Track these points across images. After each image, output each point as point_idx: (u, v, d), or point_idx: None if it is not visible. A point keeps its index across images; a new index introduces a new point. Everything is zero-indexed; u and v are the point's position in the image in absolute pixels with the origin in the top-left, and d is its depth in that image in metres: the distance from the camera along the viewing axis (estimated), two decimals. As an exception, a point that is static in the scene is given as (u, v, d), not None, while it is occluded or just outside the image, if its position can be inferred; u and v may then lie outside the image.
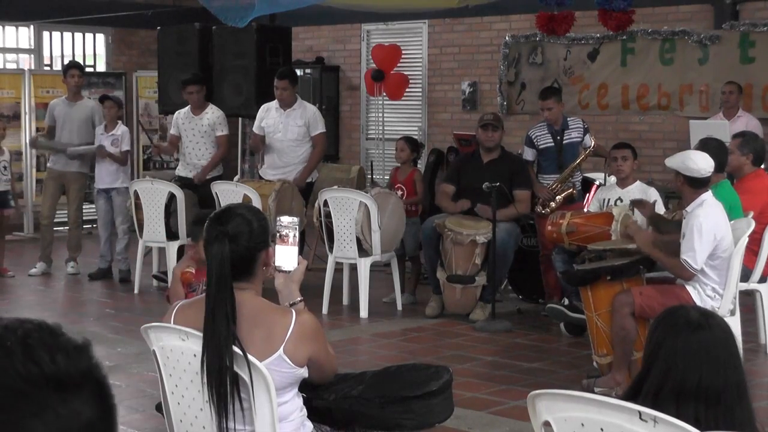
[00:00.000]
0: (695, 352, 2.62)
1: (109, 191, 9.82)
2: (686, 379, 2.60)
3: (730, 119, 9.54)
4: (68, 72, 10.11)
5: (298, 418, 3.42)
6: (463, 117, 12.63)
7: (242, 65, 10.47)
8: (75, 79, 10.01)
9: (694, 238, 5.76)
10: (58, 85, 11.45)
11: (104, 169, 9.83)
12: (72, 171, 10.00)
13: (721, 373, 2.60)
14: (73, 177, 10.01)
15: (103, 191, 9.87)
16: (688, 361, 2.61)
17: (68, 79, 10.04)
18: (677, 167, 5.90)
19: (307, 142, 9.17)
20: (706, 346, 2.63)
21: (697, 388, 2.58)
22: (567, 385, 5.80)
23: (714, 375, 2.59)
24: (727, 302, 6.02)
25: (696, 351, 2.62)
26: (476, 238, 7.93)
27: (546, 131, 8.39)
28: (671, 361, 2.64)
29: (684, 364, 2.62)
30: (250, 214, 3.39)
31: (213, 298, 3.24)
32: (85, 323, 8.06)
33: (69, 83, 10.05)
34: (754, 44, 10.50)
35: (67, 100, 10.10)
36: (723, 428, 2.53)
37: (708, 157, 5.99)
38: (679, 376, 2.61)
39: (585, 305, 6.23)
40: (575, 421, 2.68)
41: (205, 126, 9.45)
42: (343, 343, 7.29)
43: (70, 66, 10.37)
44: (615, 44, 11.37)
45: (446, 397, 3.66)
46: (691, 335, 2.65)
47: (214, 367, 3.21)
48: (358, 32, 13.85)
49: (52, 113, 10.12)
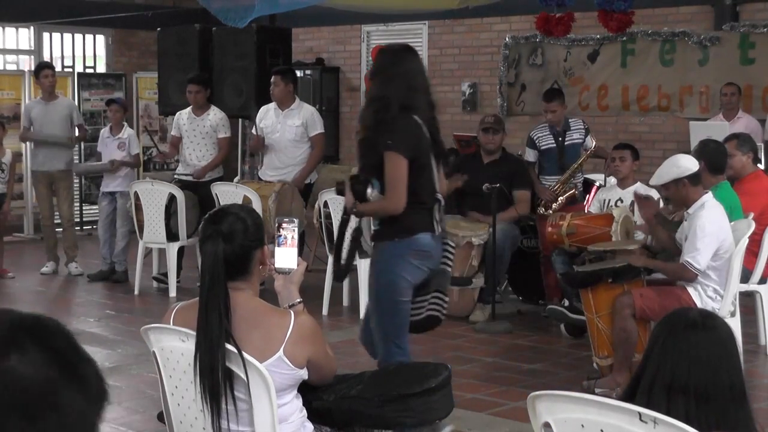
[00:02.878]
0: (685, 351, 2.62)
1: (114, 194, 9.83)
2: (675, 377, 2.61)
3: (730, 120, 9.55)
4: (41, 72, 10.13)
5: (298, 419, 3.42)
6: (464, 118, 12.63)
7: (242, 66, 10.47)
8: (49, 79, 10.03)
9: (697, 239, 5.76)
10: (59, 86, 11.45)
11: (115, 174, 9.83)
12: (58, 170, 10.02)
13: (711, 374, 2.59)
14: (59, 176, 10.04)
15: (108, 194, 9.88)
16: (677, 359, 2.62)
17: (42, 80, 10.06)
18: (676, 174, 5.86)
19: (305, 142, 9.15)
20: (697, 345, 2.63)
21: (686, 386, 2.59)
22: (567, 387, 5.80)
23: (704, 375, 2.59)
24: (728, 303, 6.02)
25: (686, 349, 2.62)
26: (472, 239, 7.93)
27: (548, 132, 8.40)
28: (662, 358, 2.65)
29: (673, 361, 2.62)
30: (244, 213, 3.40)
31: (206, 296, 3.25)
32: (85, 324, 8.05)
33: (43, 84, 10.08)
34: (754, 45, 10.50)
35: (43, 101, 10.13)
36: (715, 428, 2.53)
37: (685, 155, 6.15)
38: (669, 373, 2.62)
39: (585, 307, 6.23)
40: (575, 422, 2.67)
41: (207, 127, 9.44)
42: (343, 344, 7.28)
43: (42, 66, 10.39)
44: (615, 45, 11.37)
45: (445, 393, 3.66)
46: (684, 334, 2.66)
47: (206, 364, 3.21)
48: (358, 33, 13.86)
49: (29, 115, 10.18)
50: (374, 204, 4.65)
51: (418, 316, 4.81)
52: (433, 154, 4.71)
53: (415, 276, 4.70)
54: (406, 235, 4.64)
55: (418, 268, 4.68)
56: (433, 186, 4.73)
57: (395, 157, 4.54)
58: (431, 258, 4.73)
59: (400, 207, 4.59)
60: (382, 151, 4.56)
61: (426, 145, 4.67)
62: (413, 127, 4.62)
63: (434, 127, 4.77)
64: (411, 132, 4.61)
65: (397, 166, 4.53)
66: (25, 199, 12.24)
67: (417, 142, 4.62)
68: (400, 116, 4.60)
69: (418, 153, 4.61)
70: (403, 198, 4.57)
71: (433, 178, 4.72)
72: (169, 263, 9.16)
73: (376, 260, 4.76)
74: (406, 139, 4.58)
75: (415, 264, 4.66)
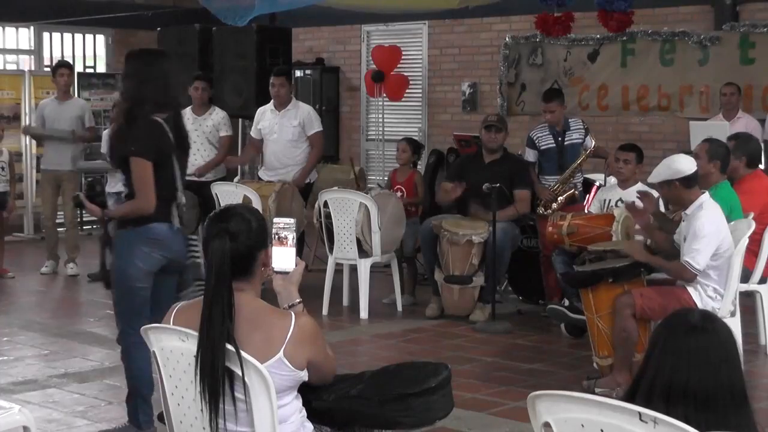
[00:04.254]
0: (684, 354, 2.61)
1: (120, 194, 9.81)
2: (674, 381, 2.60)
3: (729, 120, 9.55)
4: (57, 71, 10.15)
5: (297, 419, 3.42)
6: (464, 118, 12.63)
7: (242, 66, 10.48)
8: (65, 78, 10.04)
9: (696, 239, 5.76)
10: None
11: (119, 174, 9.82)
12: (65, 170, 10.01)
13: (711, 377, 2.58)
14: (67, 176, 10.02)
15: (115, 194, 9.86)
16: (676, 362, 2.61)
17: (57, 79, 10.08)
18: (668, 176, 5.90)
19: (303, 142, 9.16)
20: (697, 348, 2.61)
21: (685, 390, 2.58)
22: (567, 386, 5.81)
23: (703, 378, 2.58)
24: (728, 303, 6.03)
25: (686, 352, 2.61)
26: (472, 238, 7.94)
27: (547, 132, 8.41)
28: (662, 361, 2.64)
29: (672, 365, 2.61)
30: (248, 213, 3.42)
31: (211, 294, 3.26)
32: (85, 324, 8.06)
33: (59, 83, 10.10)
34: (754, 45, 10.49)
35: (57, 100, 10.14)
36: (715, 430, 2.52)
37: (685, 156, 6.10)
38: (667, 376, 2.61)
39: (586, 307, 6.23)
40: (575, 422, 2.67)
41: (209, 127, 9.45)
42: (344, 344, 7.29)
43: (59, 65, 10.41)
44: (615, 45, 11.37)
45: (445, 393, 3.65)
46: (683, 337, 2.64)
47: (207, 362, 3.22)
48: (358, 33, 13.86)
49: (42, 113, 10.18)
50: (125, 206, 5.16)
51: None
52: (175, 152, 5.15)
53: (148, 263, 5.07)
54: (140, 224, 5.06)
55: (152, 256, 5.06)
56: (173, 183, 5.16)
57: (141, 162, 5.01)
58: (166, 247, 5.10)
59: (151, 206, 5.04)
60: (128, 156, 5.03)
61: (168, 145, 5.11)
62: (156, 131, 5.06)
63: (179, 125, 5.23)
64: (155, 136, 5.06)
65: (143, 170, 5.01)
66: (26, 199, 12.23)
67: (160, 145, 5.07)
68: (146, 121, 5.04)
69: (159, 154, 5.06)
70: (153, 197, 5.03)
71: (174, 176, 5.16)
72: (169, 263, 9.15)
73: (115, 248, 5.14)
74: (150, 144, 5.03)
75: (146, 251, 5.05)
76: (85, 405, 5.84)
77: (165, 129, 5.08)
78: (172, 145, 5.12)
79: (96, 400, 6.02)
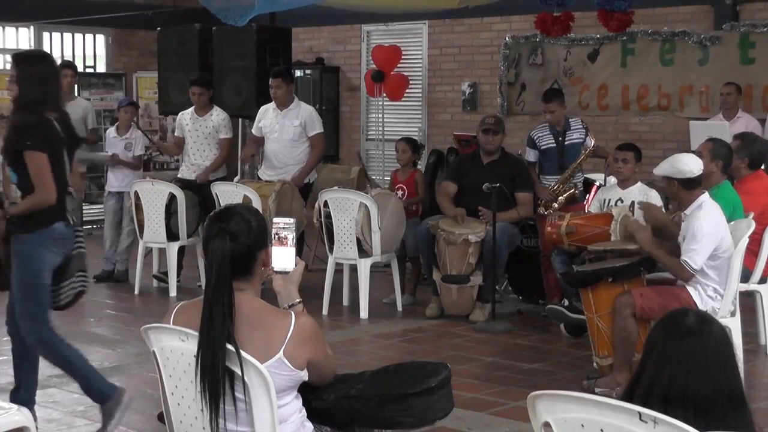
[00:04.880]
0: (683, 359, 2.60)
1: (121, 194, 9.82)
2: (673, 385, 2.59)
3: (729, 120, 9.55)
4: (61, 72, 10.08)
5: (297, 419, 3.42)
6: (463, 118, 12.63)
7: (242, 66, 10.47)
8: (68, 79, 10.01)
9: (694, 239, 5.77)
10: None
11: (118, 173, 9.84)
12: None
13: (710, 382, 2.57)
14: None
15: (115, 193, 9.88)
16: (675, 367, 2.60)
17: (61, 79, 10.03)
18: (668, 173, 5.92)
19: (304, 142, 9.17)
20: (695, 353, 2.60)
21: (684, 395, 2.57)
22: (567, 386, 5.81)
23: (702, 383, 2.57)
24: (728, 303, 6.03)
25: (684, 357, 2.60)
26: (469, 237, 7.94)
27: (548, 132, 8.41)
28: (660, 366, 2.63)
29: (671, 370, 2.60)
30: (249, 213, 3.42)
31: (211, 293, 3.26)
32: (85, 324, 8.05)
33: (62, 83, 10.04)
34: (754, 45, 10.50)
35: None
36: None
37: (695, 157, 6.06)
38: (666, 381, 2.60)
39: (585, 306, 6.23)
40: (575, 422, 2.67)
41: (209, 128, 9.45)
42: (344, 344, 7.29)
43: (63, 66, 10.37)
44: (615, 45, 11.37)
45: (445, 393, 3.65)
46: (682, 341, 2.63)
47: (207, 361, 3.22)
48: (358, 33, 13.86)
49: None
50: (26, 203, 5.18)
51: (68, 298, 5.39)
52: (65, 149, 5.25)
53: (53, 261, 5.26)
54: (43, 226, 5.17)
55: (56, 255, 5.25)
56: (65, 179, 5.24)
57: (37, 155, 5.09)
58: (66, 245, 5.30)
59: (52, 197, 5.13)
60: (23, 150, 5.09)
61: (59, 141, 5.21)
62: (48, 126, 5.17)
63: (66, 123, 5.31)
64: (47, 130, 5.16)
65: (40, 162, 5.09)
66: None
67: (52, 139, 5.17)
68: (38, 118, 5.14)
69: (52, 149, 5.16)
70: (53, 188, 5.12)
71: (65, 172, 5.25)
72: (169, 263, 9.17)
73: (19, 251, 5.20)
74: (43, 138, 5.12)
75: (54, 252, 5.23)
76: (85, 405, 5.83)
77: (55, 125, 5.20)
78: (63, 141, 5.24)
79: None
